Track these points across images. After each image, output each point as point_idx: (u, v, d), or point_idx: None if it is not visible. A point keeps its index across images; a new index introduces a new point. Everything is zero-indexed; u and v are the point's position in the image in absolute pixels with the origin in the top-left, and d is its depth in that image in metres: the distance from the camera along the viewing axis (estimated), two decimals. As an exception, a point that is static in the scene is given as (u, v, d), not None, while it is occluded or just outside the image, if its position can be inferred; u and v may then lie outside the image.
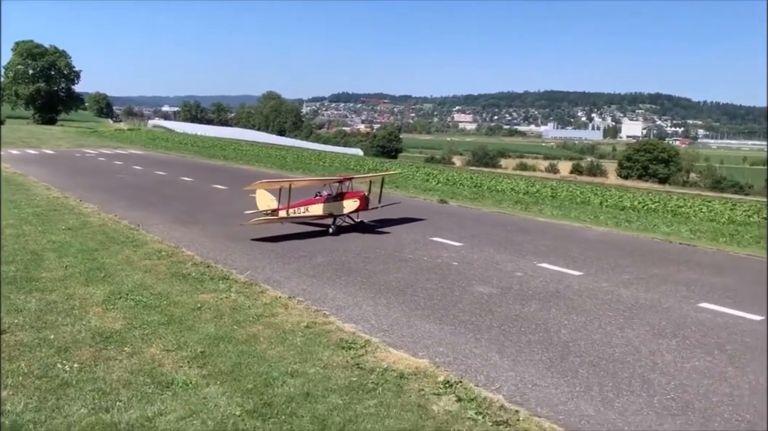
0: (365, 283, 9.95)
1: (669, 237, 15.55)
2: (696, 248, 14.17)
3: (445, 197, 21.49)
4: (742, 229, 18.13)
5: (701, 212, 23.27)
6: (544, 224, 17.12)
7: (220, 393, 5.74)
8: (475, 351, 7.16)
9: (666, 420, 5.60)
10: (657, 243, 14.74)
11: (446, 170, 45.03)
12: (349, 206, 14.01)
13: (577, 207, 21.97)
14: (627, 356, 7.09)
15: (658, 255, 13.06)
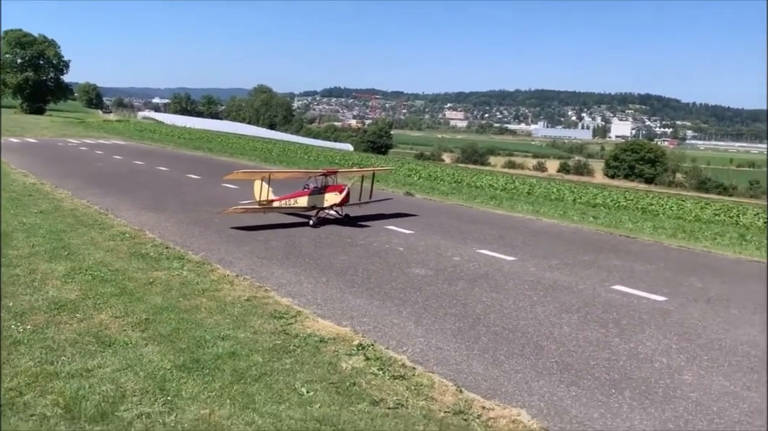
0: (311, 264, 10.74)
1: (623, 232, 16.35)
2: (634, 240, 15.06)
3: (411, 191, 22.25)
4: (705, 227, 18.99)
5: (670, 211, 24.19)
6: (499, 216, 17.99)
7: (155, 351, 6.50)
8: (394, 322, 7.96)
9: (543, 378, 6.43)
10: (599, 235, 15.61)
11: (430, 166, 45.84)
12: (330, 199, 14.25)
13: (549, 203, 22.77)
14: (529, 327, 7.92)
15: (594, 245, 13.94)
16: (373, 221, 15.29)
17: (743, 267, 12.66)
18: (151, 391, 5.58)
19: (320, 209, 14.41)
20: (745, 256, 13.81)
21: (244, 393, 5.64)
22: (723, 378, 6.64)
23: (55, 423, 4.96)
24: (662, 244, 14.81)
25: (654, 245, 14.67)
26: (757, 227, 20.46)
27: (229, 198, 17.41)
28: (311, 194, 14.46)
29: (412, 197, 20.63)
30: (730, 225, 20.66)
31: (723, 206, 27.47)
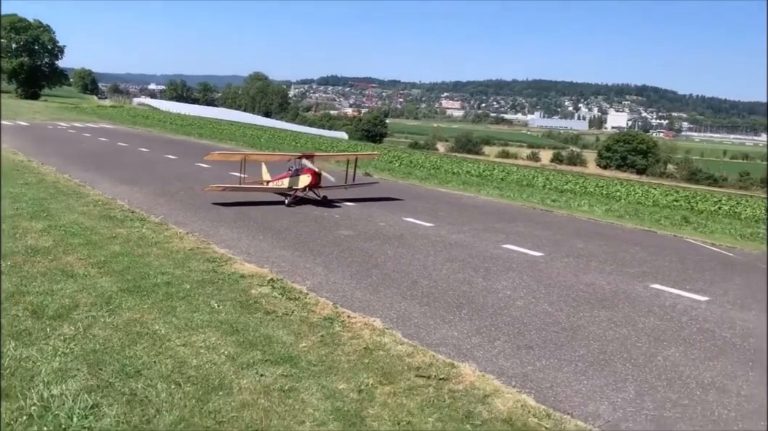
0: (254, 227, 12.62)
1: (550, 208, 18.18)
2: (549, 212, 17.00)
3: (369, 171, 23.97)
4: (658, 210, 20.53)
5: (633, 196, 25.78)
6: (443, 193, 19.92)
7: (107, 281, 8.36)
8: (306, 266, 9.85)
9: (405, 301, 8.34)
10: (526, 210, 17.49)
11: (415, 153, 47.54)
12: (303, 181, 15.20)
13: (518, 188, 23.81)
14: (414, 271, 9.82)
15: (512, 216, 15.86)
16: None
17: (631, 235, 14.57)
18: (98, 304, 7.45)
19: (296, 191, 15.37)
20: (643, 227, 15.72)
21: (169, 306, 7.52)
22: (548, 305, 8.54)
23: (24, 319, 6.82)
24: (574, 217, 16.70)
25: (566, 217, 16.57)
26: (708, 212, 22.07)
27: (198, 175, 19.30)
28: (291, 176, 15.54)
29: (369, 177, 22.46)
30: (684, 210, 21.85)
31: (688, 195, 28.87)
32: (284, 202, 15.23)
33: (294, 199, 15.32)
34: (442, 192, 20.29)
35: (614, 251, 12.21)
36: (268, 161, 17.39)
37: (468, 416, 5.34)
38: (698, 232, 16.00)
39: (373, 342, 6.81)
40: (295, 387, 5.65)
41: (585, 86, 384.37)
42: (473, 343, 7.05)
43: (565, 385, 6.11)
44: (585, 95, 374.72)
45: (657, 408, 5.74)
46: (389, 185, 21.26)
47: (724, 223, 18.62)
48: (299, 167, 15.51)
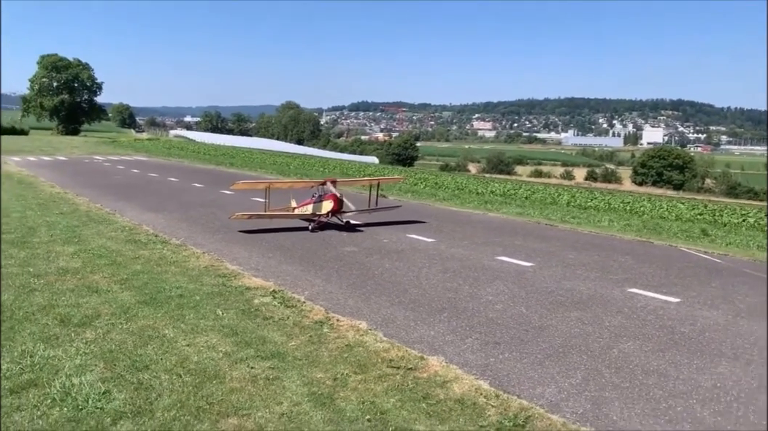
0: (265, 246, 13.61)
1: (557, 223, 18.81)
2: (553, 227, 17.61)
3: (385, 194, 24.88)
4: (680, 224, 20.73)
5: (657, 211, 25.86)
6: (456, 212, 20.68)
7: (127, 295, 9.40)
8: (307, 278, 10.76)
9: (393, 307, 9.15)
10: (530, 225, 18.14)
11: (441, 175, 48.25)
12: (326, 206, 15.53)
13: (541, 206, 24.19)
14: (406, 281, 10.64)
15: (513, 231, 16.52)
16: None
17: (626, 245, 15.11)
18: (117, 314, 8.46)
19: (319, 216, 15.75)
20: (641, 238, 16.24)
21: (179, 314, 8.50)
22: (524, 308, 9.26)
23: (53, 327, 7.85)
24: (576, 230, 17.29)
25: (568, 231, 17.18)
26: (732, 225, 22.17)
27: (221, 202, 20.49)
28: (315, 203, 15.91)
29: (385, 199, 23.36)
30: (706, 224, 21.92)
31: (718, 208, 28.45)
32: (308, 228, 15.59)
33: (318, 224, 15.64)
34: (455, 211, 21.09)
35: (603, 261, 12.82)
36: (292, 188, 17.91)
37: (425, 397, 6.12)
38: (715, 244, 16.15)
39: (355, 341, 7.65)
40: (279, 376, 6.52)
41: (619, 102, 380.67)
42: (446, 340, 7.82)
43: (520, 373, 6.84)
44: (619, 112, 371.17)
45: (598, 390, 6.43)
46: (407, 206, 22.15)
47: (744, 235, 18.67)
48: (322, 193, 15.88)
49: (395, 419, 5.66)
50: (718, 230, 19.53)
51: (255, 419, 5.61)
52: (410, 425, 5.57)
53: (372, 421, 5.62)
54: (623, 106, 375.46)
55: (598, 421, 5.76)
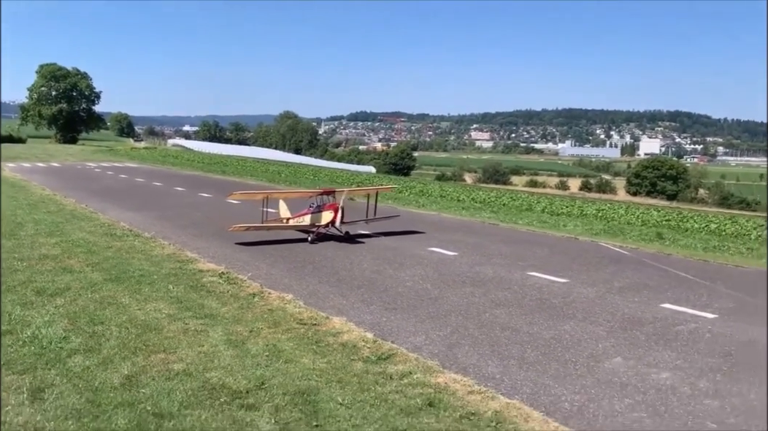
0: (226, 238, 15.26)
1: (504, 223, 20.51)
2: (496, 226, 19.33)
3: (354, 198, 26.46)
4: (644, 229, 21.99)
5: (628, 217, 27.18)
6: (419, 214, 22.42)
7: (96, 274, 11.06)
8: (255, 263, 12.45)
9: (321, 284, 10.83)
10: (478, 224, 19.83)
11: (430, 184, 49.75)
12: (326, 217, 15.18)
13: (517, 212, 25.59)
14: (340, 265, 12.34)
15: (456, 229, 18.22)
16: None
17: (552, 241, 16.81)
18: (85, 287, 10.13)
19: (318, 227, 15.40)
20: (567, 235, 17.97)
21: (137, 288, 10.16)
22: (430, 285, 10.96)
23: (30, 296, 9.51)
24: (514, 228, 19.01)
25: (507, 229, 18.89)
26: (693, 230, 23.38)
27: (198, 203, 22.23)
28: (313, 213, 15.52)
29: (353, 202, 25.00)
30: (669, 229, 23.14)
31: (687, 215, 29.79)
32: (308, 239, 15.25)
33: (317, 236, 15.30)
34: (415, 213, 22.80)
35: (521, 252, 14.52)
36: (290, 197, 17.68)
37: (317, 341, 7.80)
38: (665, 245, 17.43)
39: (277, 307, 9.32)
40: (206, 329, 8.18)
41: (616, 113, 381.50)
42: (353, 307, 9.51)
43: (401, 328, 8.53)
44: (616, 123, 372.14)
45: (457, 339, 8.13)
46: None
47: (697, 238, 19.78)
48: (321, 203, 15.56)
49: (288, 354, 7.33)
50: (677, 234, 20.66)
51: (178, 354, 7.27)
52: (298, 358, 7.22)
53: (269, 356, 7.28)
54: (621, 117, 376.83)
55: (447, 359, 7.42)
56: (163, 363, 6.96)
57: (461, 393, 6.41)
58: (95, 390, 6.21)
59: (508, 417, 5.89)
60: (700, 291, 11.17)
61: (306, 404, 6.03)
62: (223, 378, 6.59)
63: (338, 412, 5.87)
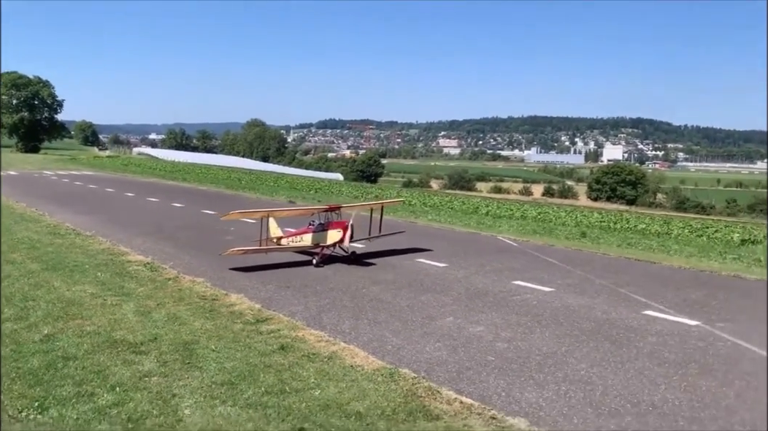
0: (158, 235, 16.88)
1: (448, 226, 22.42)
2: (413, 224, 21.28)
3: (293, 199, 28.32)
4: (575, 229, 23.82)
5: (566, 219, 29.12)
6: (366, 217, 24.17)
7: (35, 265, 12.62)
8: (179, 256, 14.13)
9: (237, 271, 12.54)
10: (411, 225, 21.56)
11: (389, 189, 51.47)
12: (332, 236, 13.66)
13: (461, 215, 26.89)
14: (258, 256, 14.03)
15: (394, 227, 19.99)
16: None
17: (456, 235, 18.79)
18: (24, 275, 11.71)
19: (324, 248, 13.82)
20: (475, 231, 19.96)
21: (69, 275, 11.77)
22: (327, 269, 12.74)
23: (-27, 281, 11.07)
24: (431, 226, 20.95)
25: (424, 227, 20.87)
26: (619, 230, 25.29)
27: (144, 206, 23.73)
28: (315, 232, 13.99)
29: (293, 204, 26.71)
30: (599, 229, 25.06)
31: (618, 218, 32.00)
32: (312, 262, 13.63)
33: (322, 258, 13.73)
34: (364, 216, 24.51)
35: (423, 243, 16.44)
36: (292, 216, 16.32)
37: (211, 310, 9.55)
38: (582, 242, 19.12)
39: (187, 287, 11.04)
40: (120, 304, 9.86)
41: (581, 121, 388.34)
42: (253, 286, 11.28)
43: (286, 300, 10.35)
44: (581, 130, 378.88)
45: (329, 307, 9.97)
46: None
47: (619, 237, 21.44)
48: (326, 221, 14.04)
49: (183, 320, 9.06)
50: (604, 233, 22.54)
51: (92, 321, 8.94)
52: (191, 322, 8.95)
53: (167, 321, 9.00)
54: (585, 124, 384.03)
55: (313, 321, 9.24)
56: (78, 327, 8.64)
57: (312, 341, 8.23)
58: (19, 343, 7.87)
59: (340, 355, 7.73)
60: (555, 273, 13.22)
61: (186, 351, 7.77)
62: (124, 335, 8.30)
63: (209, 355, 7.64)
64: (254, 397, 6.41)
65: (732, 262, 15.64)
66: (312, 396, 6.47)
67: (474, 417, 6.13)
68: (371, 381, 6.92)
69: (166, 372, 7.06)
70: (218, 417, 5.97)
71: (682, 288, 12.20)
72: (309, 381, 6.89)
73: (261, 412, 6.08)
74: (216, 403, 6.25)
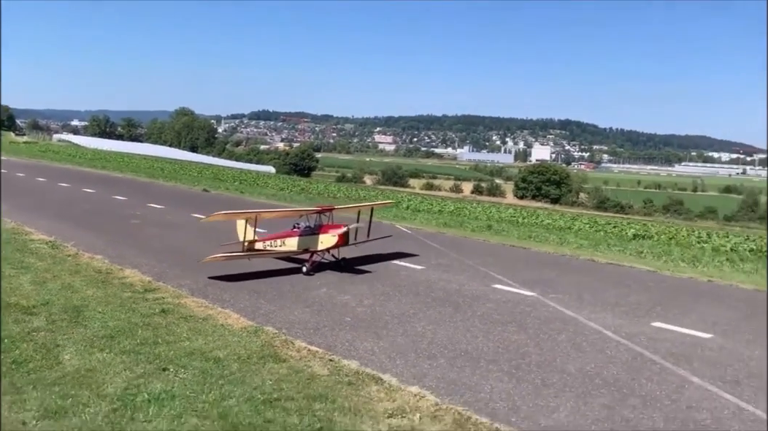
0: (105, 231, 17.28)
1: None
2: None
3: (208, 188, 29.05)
4: (483, 222, 25.37)
5: (478, 213, 30.76)
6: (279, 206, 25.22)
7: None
8: (81, 235, 14.83)
9: (131, 249, 13.39)
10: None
11: (312, 183, 52.09)
12: (326, 241, 12.36)
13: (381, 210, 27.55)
14: (155, 239, 14.90)
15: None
16: (172, 207, 22.08)
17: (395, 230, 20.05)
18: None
19: (313, 253, 12.50)
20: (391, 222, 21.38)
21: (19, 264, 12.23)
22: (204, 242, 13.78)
23: None
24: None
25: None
26: (525, 224, 27.00)
27: (52, 189, 23.93)
28: (302, 236, 12.68)
29: (208, 193, 27.48)
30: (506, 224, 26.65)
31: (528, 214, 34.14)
32: (302, 270, 12.30)
33: (313, 265, 12.40)
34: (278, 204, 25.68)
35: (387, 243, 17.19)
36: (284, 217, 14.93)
37: (104, 281, 10.48)
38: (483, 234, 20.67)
39: (85, 263, 11.86)
40: (18, 275, 10.60)
41: (511, 121, 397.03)
42: (148, 263, 12.24)
43: (178, 275, 11.35)
44: (511, 130, 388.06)
45: (213, 279, 11.03)
46: (234, 200, 26.49)
47: (522, 230, 23.24)
48: (316, 224, 12.78)
49: (76, 288, 9.93)
50: (508, 226, 24.20)
51: (-11, 289, 9.69)
52: (83, 291, 9.83)
53: (61, 289, 9.85)
54: (515, 124, 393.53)
55: (198, 291, 10.31)
56: (-27, 294, 9.40)
57: (192, 307, 9.32)
58: None
59: (214, 317, 8.86)
60: (432, 255, 14.74)
61: (74, 313, 8.70)
62: (19, 300, 9.12)
63: (95, 316, 8.59)
64: (129, 347, 7.46)
65: (616, 253, 17.33)
66: (181, 347, 7.58)
67: (316, 361, 7.40)
68: (236, 336, 8.09)
69: (53, 329, 7.99)
70: (94, 361, 6.99)
71: (539, 269, 13.96)
72: (181, 335, 7.99)
73: (133, 357, 7.14)
74: (94, 351, 7.27)
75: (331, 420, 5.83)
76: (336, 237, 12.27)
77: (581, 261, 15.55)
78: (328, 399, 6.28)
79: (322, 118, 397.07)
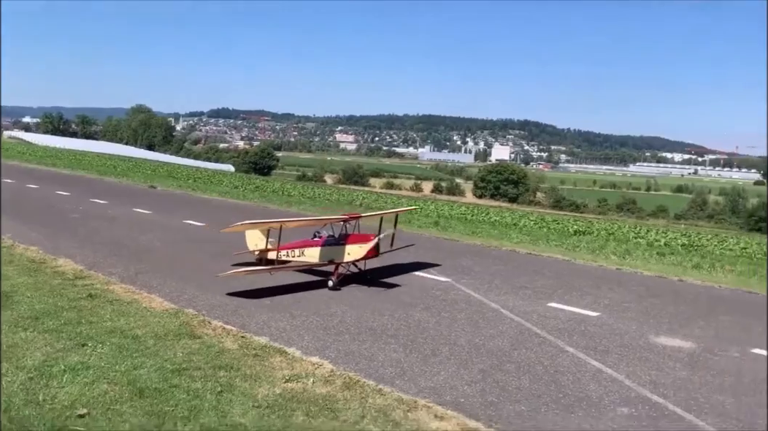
0: (13, 214, 17.59)
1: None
2: (285, 211, 23.12)
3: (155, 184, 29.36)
4: (432, 219, 25.94)
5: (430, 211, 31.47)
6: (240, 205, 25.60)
7: None
8: (20, 228, 15.07)
9: (85, 248, 13.76)
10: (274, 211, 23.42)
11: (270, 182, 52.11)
12: (354, 252, 11.39)
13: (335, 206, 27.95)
14: (101, 231, 15.26)
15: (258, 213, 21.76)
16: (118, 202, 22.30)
17: None
18: None
19: (339, 265, 11.50)
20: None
21: None
22: (160, 243, 14.26)
23: None
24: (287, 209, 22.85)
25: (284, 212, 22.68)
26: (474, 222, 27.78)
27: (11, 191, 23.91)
28: (325, 245, 11.76)
29: (155, 190, 27.78)
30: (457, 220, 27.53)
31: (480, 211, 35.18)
32: (328, 284, 11.26)
33: (339, 278, 11.39)
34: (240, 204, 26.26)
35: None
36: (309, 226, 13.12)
37: (36, 270, 10.93)
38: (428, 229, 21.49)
39: (19, 253, 12.28)
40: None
41: (472, 121, 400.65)
42: (82, 253, 12.65)
43: (110, 264, 11.83)
44: (472, 130, 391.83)
45: (145, 268, 11.55)
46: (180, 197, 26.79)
47: (468, 226, 23.94)
48: (342, 234, 11.77)
49: (7, 276, 10.33)
50: (456, 223, 25.04)
51: None
52: (14, 279, 10.25)
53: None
54: (476, 125, 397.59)
55: (129, 280, 10.81)
56: None
57: (119, 292, 9.86)
58: None
59: (139, 301, 9.42)
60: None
61: (5, 299, 9.13)
62: (-52, 287, 9.51)
63: (23, 300, 9.05)
64: (53, 326, 7.98)
65: (552, 247, 18.20)
66: (102, 326, 8.13)
67: (229, 338, 8.04)
68: (156, 317, 8.68)
69: (-21, 311, 8.44)
70: (17, 338, 7.49)
71: (461, 258, 14.84)
72: (104, 316, 8.54)
73: (55, 335, 7.67)
74: (18, 330, 7.76)
75: (231, 385, 6.49)
76: (364, 250, 11.25)
77: (503, 251, 16.51)
78: (233, 368, 6.95)
79: (283, 116, 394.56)
